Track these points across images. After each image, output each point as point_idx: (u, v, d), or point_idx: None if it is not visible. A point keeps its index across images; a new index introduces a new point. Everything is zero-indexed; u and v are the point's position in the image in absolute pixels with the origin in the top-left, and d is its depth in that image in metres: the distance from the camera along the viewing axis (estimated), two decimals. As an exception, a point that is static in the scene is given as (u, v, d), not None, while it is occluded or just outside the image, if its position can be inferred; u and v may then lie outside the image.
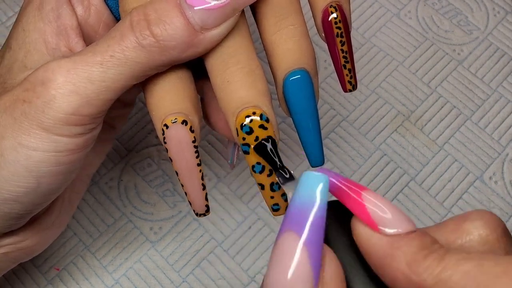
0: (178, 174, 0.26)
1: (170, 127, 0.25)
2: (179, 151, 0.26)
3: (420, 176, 0.39)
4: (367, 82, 0.42)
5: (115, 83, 0.25)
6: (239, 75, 0.25)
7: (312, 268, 0.19)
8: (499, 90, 0.42)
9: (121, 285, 0.36)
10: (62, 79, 0.25)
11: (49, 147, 0.25)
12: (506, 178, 0.39)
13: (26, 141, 0.25)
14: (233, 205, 0.38)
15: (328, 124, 0.41)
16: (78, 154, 0.26)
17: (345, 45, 0.28)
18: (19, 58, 0.28)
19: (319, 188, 0.20)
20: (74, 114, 0.25)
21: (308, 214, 0.19)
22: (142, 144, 0.40)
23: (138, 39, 0.25)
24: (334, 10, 0.27)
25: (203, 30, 0.25)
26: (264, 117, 0.25)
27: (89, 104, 0.25)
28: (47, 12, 0.28)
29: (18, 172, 0.25)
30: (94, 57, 0.25)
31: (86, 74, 0.25)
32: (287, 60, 0.26)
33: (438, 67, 0.43)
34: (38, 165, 0.25)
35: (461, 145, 0.40)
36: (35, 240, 0.30)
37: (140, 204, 0.39)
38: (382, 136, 0.41)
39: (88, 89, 0.25)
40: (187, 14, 0.25)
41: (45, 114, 0.25)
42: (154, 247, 0.37)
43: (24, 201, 0.26)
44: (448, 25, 0.45)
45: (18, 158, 0.25)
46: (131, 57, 0.25)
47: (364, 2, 0.46)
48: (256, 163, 0.25)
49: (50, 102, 0.25)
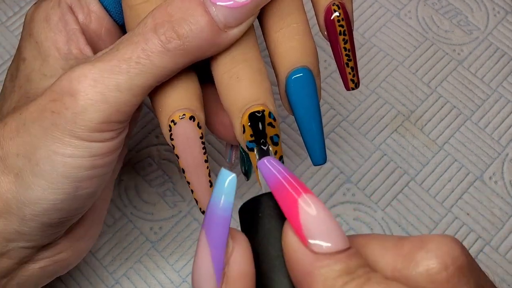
0: (185, 171, 0.26)
1: (178, 123, 0.25)
2: (187, 147, 0.26)
3: (420, 176, 0.39)
4: (367, 82, 0.42)
5: (141, 89, 0.25)
6: (248, 73, 0.25)
7: (214, 265, 0.19)
8: (499, 90, 0.42)
9: (121, 285, 0.36)
10: (90, 89, 0.25)
11: (84, 153, 0.25)
12: (506, 178, 0.39)
13: (61, 149, 0.25)
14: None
15: (328, 124, 0.41)
16: (111, 156, 0.27)
17: (348, 43, 0.28)
18: (36, 68, 0.28)
19: (225, 187, 0.20)
20: (105, 122, 0.25)
21: (213, 213, 0.20)
22: (142, 144, 0.40)
23: (163, 42, 0.24)
24: (337, 8, 0.27)
25: (226, 29, 0.25)
26: (272, 116, 0.25)
27: (118, 111, 0.25)
28: (56, 22, 0.28)
29: (56, 179, 0.25)
30: (119, 64, 0.25)
31: (114, 82, 0.25)
32: (290, 58, 0.26)
33: (438, 67, 0.43)
34: (74, 171, 0.25)
35: (461, 145, 0.40)
36: (70, 252, 0.30)
37: (140, 204, 0.39)
38: (382, 136, 0.41)
39: (117, 97, 0.25)
40: (211, 12, 0.24)
41: (76, 124, 0.25)
42: (154, 247, 0.37)
43: (63, 208, 0.26)
44: (448, 25, 0.45)
45: (55, 166, 0.25)
46: (156, 62, 0.25)
47: (364, 2, 0.46)
48: None
49: (81, 113, 0.25)
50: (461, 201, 0.39)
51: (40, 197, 0.25)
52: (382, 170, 0.40)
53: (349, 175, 0.39)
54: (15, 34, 0.44)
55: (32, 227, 0.26)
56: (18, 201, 0.26)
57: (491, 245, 0.37)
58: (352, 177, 0.39)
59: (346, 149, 0.40)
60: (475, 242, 0.37)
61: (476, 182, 0.39)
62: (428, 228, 0.38)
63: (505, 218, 0.38)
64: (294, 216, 0.19)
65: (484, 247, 0.37)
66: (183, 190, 0.39)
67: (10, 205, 0.26)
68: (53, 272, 0.30)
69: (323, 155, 0.28)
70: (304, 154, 0.40)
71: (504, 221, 0.38)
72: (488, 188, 0.39)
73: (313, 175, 0.39)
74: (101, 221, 0.33)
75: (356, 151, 0.40)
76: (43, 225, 0.27)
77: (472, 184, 0.39)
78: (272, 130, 0.25)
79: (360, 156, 0.40)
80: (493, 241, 0.37)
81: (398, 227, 0.38)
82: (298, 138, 0.40)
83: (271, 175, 0.20)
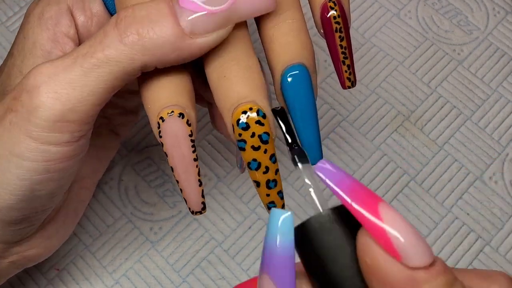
0: (174, 170, 0.26)
1: (166, 120, 0.25)
2: (175, 145, 0.25)
3: (420, 176, 0.39)
4: (367, 82, 0.42)
5: (97, 86, 0.24)
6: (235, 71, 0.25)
7: None
8: (499, 90, 0.42)
9: (121, 285, 0.36)
10: (44, 86, 0.24)
11: (37, 157, 0.25)
12: (506, 178, 0.39)
13: (17, 150, 0.25)
14: (233, 205, 0.38)
15: (328, 124, 0.41)
16: (67, 163, 0.26)
17: (344, 41, 0.27)
18: (17, 63, 0.28)
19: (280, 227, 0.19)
20: (59, 121, 0.24)
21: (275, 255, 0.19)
22: (142, 144, 0.40)
23: (120, 36, 0.24)
24: (333, 5, 0.27)
25: (192, 35, 0.24)
26: (261, 113, 0.24)
27: (73, 111, 0.24)
28: (46, 19, 0.28)
29: (11, 180, 0.25)
30: (74, 60, 0.24)
31: (67, 79, 0.24)
32: (285, 54, 0.26)
33: (438, 67, 0.43)
34: (29, 174, 0.25)
35: (461, 145, 0.40)
36: (41, 248, 0.30)
37: (140, 204, 0.39)
38: (382, 136, 0.41)
39: (70, 95, 0.24)
40: (178, 15, 0.24)
41: (30, 123, 0.24)
42: (154, 247, 0.37)
43: (21, 207, 0.26)
44: (448, 25, 0.45)
45: (9, 167, 0.25)
46: (111, 56, 0.24)
47: (364, 2, 0.46)
48: (252, 160, 0.25)
49: (34, 111, 0.24)
50: (461, 201, 0.39)
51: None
52: (382, 170, 0.40)
53: (349, 175, 0.39)
54: (15, 34, 0.44)
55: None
56: None
57: (491, 245, 0.37)
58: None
59: (346, 149, 0.40)
60: (475, 242, 0.37)
61: (476, 182, 0.39)
62: (428, 228, 0.38)
63: (505, 218, 0.38)
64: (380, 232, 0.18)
65: (484, 247, 0.37)
66: (183, 190, 0.39)
67: None
68: (22, 265, 0.31)
69: (319, 153, 0.27)
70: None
71: (504, 221, 0.38)
72: (488, 188, 0.39)
73: (313, 175, 0.39)
74: (76, 219, 0.33)
75: (356, 151, 0.40)
76: (5, 223, 0.27)
77: (472, 184, 0.39)
78: (260, 128, 0.25)
79: (360, 156, 0.40)
80: (493, 241, 0.37)
81: (398, 227, 0.38)
82: (298, 138, 0.40)
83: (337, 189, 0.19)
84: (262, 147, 0.25)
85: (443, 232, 0.38)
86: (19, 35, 0.29)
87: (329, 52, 0.28)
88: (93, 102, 0.25)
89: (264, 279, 0.19)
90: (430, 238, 0.37)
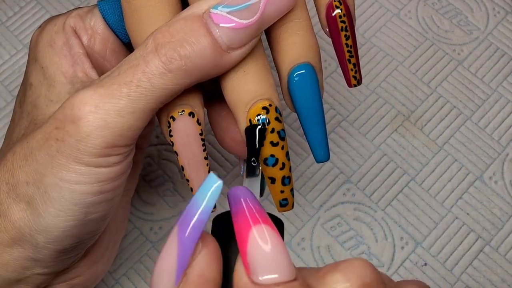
0: (184, 169, 0.26)
1: (177, 119, 0.25)
2: (186, 144, 0.26)
3: (420, 176, 0.39)
4: (367, 82, 0.42)
5: (143, 112, 0.25)
6: (255, 68, 0.25)
7: (178, 263, 0.19)
8: (499, 90, 0.42)
9: (121, 285, 0.36)
10: (91, 116, 0.24)
11: (90, 179, 0.25)
12: (506, 178, 0.39)
13: (67, 177, 0.25)
14: (233, 205, 0.38)
15: (328, 124, 0.41)
16: (119, 180, 0.26)
17: (350, 39, 0.28)
18: (42, 93, 0.28)
19: (209, 192, 0.20)
20: (108, 147, 0.25)
21: (191, 213, 0.20)
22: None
23: (164, 64, 0.24)
24: (339, 4, 0.27)
25: (229, 50, 0.24)
26: (278, 111, 0.25)
27: (121, 136, 0.25)
28: (60, 47, 0.28)
29: (65, 207, 0.25)
30: (119, 88, 0.24)
31: (115, 108, 0.24)
32: (292, 54, 0.26)
33: (438, 67, 0.43)
34: (82, 197, 0.25)
35: (461, 145, 0.40)
36: (87, 275, 0.30)
37: (140, 204, 0.39)
38: (382, 136, 0.41)
39: (118, 122, 0.24)
40: (214, 33, 0.24)
41: (80, 151, 0.24)
42: (154, 247, 0.37)
43: (74, 234, 0.26)
44: (448, 25, 0.45)
45: (62, 193, 0.25)
46: (157, 84, 0.24)
47: (364, 2, 0.46)
48: (270, 156, 0.25)
49: (84, 139, 0.24)
50: (461, 201, 0.39)
51: (50, 225, 0.25)
52: (382, 170, 0.40)
53: (349, 175, 0.39)
54: (15, 34, 0.44)
55: (46, 254, 0.26)
56: (30, 229, 0.25)
57: (491, 245, 0.37)
58: (352, 177, 0.39)
59: (346, 149, 0.40)
60: (475, 242, 0.37)
61: (476, 182, 0.39)
62: (428, 228, 0.38)
63: (505, 218, 0.38)
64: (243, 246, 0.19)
65: (484, 247, 0.37)
66: (183, 190, 0.39)
67: (23, 233, 0.26)
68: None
69: (326, 152, 0.28)
70: (304, 154, 0.40)
71: (504, 221, 0.38)
72: (488, 188, 0.39)
73: (313, 175, 0.39)
74: (118, 242, 0.33)
75: (356, 151, 0.40)
76: (57, 252, 0.26)
77: (472, 184, 0.39)
78: (279, 125, 0.25)
79: (360, 156, 0.40)
80: (493, 241, 0.37)
81: (398, 227, 0.38)
82: (298, 138, 0.40)
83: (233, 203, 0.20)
84: (280, 143, 0.25)
85: (443, 232, 0.38)
86: (34, 65, 0.29)
87: (334, 53, 0.28)
88: (139, 126, 0.25)
89: (173, 229, 0.20)
90: (430, 238, 0.37)
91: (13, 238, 0.26)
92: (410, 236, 0.37)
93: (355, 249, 0.37)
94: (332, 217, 0.38)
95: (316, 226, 0.38)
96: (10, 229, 0.26)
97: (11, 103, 0.42)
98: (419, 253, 0.37)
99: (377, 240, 0.37)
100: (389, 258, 0.37)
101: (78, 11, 0.29)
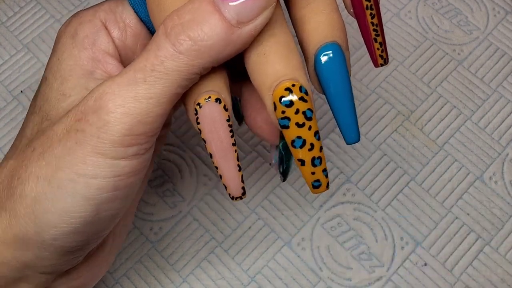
0: (212, 156, 0.26)
1: (204, 105, 0.25)
2: (213, 130, 0.25)
3: (420, 176, 0.39)
4: (367, 82, 0.42)
5: (162, 97, 0.24)
6: (275, 48, 0.25)
7: None
8: (499, 90, 0.42)
9: (121, 285, 0.36)
10: (111, 103, 0.24)
11: (107, 173, 0.25)
12: (506, 178, 0.39)
13: (83, 170, 0.24)
14: (233, 205, 0.38)
15: (328, 124, 0.41)
16: (135, 177, 0.26)
17: (375, 18, 0.27)
18: (55, 87, 0.28)
19: None
20: (129, 135, 0.24)
21: None
22: (142, 144, 0.40)
23: (175, 46, 0.24)
24: None
25: (239, 25, 0.24)
26: (303, 90, 0.24)
27: (141, 122, 0.24)
28: (82, 39, 0.28)
29: (77, 202, 0.25)
30: (135, 75, 0.24)
31: (132, 94, 0.24)
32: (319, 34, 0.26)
33: (438, 67, 0.43)
34: (97, 193, 0.25)
35: (461, 145, 0.40)
36: (88, 277, 0.30)
37: (140, 204, 0.39)
38: (382, 136, 0.41)
39: (137, 108, 0.24)
40: (222, 9, 0.24)
41: (100, 140, 0.24)
42: (154, 247, 0.37)
43: (82, 232, 0.26)
44: (448, 25, 0.45)
45: (77, 188, 0.25)
46: (170, 67, 0.24)
47: (364, 2, 0.46)
48: (296, 137, 0.25)
49: (104, 127, 0.24)
50: (461, 201, 0.39)
51: (58, 221, 0.25)
52: (382, 170, 0.40)
53: (349, 175, 0.39)
54: (15, 34, 0.44)
55: (50, 252, 0.26)
56: (36, 226, 0.25)
57: (491, 245, 0.37)
58: (352, 177, 0.39)
59: (346, 149, 0.40)
60: (475, 242, 0.37)
61: (476, 182, 0.39)
62: (428, 228, 0.38)
63: (505, 218, 0.38)
64: None
65: (484, 247, 0.37)
66: (183, 190, 0.39)
67: (28, 231, 0.25)
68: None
69: (357, 133, 0.27)
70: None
71: (504, 221, 0.38)
72: (488, 188, 0.39)
73: (313, 175, 0.39)
74: (120, 245, 0.32)
75: (356, 151, 0.40)
76: (62, 250, 0.26)
77: (472, 184, 0.39)
78: (304, 105, 0.24)
79: (360, 156, 0.40)
80: (493, 241, 0.37)
81: (398, 227, 0.38)
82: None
83: None
84: (307, 123, 0.25)
85: (443, 232, 0.38)
86: (52, 58, 0.28)
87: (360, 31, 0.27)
88: (158, 113, 0.25)
89: None
90: (430, 238, 0.37)
91: (17, 235, 0.25)
92: (410, 236, 0.37)
93: (355, 249, 0.37)
94: (332, 217, 0.38)
95: (316, 226, 0.38)
96: (14, 225, 0.25)
97: (11, 103, 0.42)
98: (419, 253, 0.37)
99: (377, 240, 0.37)
100: (389, 258, 0.37)
101: (108, 3, 0.29)
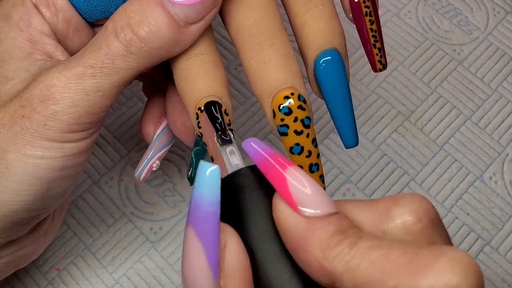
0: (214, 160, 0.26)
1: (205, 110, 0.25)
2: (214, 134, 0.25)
3: (420, 176, 0.39)
4: (367, 82, 0.42)
5: (109, 90, 0.25)
6: (275, 57, 0.25)
7: (209, 261, 0.19)
8: (499, 90, 0.42)
9: (121, 285, 0.36)
10: (59, 95, 0.25)
11: (56, 154, 0.26)
12: (506, 178, 0.39)
13: (31, 152, 0.25)
14: (233, 205, 0.38)
15: (328, 124, 0.41)
16: (83, 156, 0.27)
17: (374, 24, 0.28)
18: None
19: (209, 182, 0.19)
20: (75, 124, 0.25)
21: (200, 209, 0.19)
22: (142, 144, 0.40)
23: (125, 46, 0.25)
24: None
25: (187, 25, 0.25)
26: (302, 98, 0.25)
27: (88, 113, 0.25)
28: (16, 21, 0.27)
29: (27, 181, 0.26)
30: (85, 71, 0.25)
31: (81, 87, 0.25)
32: (318, 40, 0.26)
33: (438, 67, 0.43)
34: (46, 172, 0.26)
35: (461, 145, 0.40)
36: (33, 247, 0.31)
37: (140, 204, 0.39)
38: (382, 136, 0.41)
39: (85, 100, 0.25)
40: (170, 11, 0.24)
41: (47, 127, 0.25)
42: (154, 247, 0.37)
43: (33, 208, 0.27)
44: (448, 25, 0.45)
45: (26, 168, 0.25)
46: (121, 66, 0.25)
47: (364, 2, 0.46)
48: (295, 145, 0.25)
49: (51, 116, 0.25)
50: (461, 201, 0.39)
51: (10, 199, 0.26)
52: (382, 170, 0.40)
53: (349, 175, 0.39)
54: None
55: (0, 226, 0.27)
56: None
57: (491, 245, 0.37)
58: (352, 177, 0.39)
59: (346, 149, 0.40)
60: (475, 242, 0.37)
61: (476, 182, 0.39)
62: (428, 228, 0.38)
63: (505, 218, 0.38)
64: (282, 182, 0.19)
65: (484, 247, 0.37)
66: (183, 190, 0.39)
67: None
68: (16, 266, 0.31)
69: (356, 137, 0.28)
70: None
71: (504, 221, 0.38)
72: (488, 188, 0.39)
73: (313, 175, 0.39)
74: (63, 215, 0.33)
75: (356, 151, 0.40)
76: (12, 224, 0.27)
77: (472, 184, 0.39)
78: (303, 113, 0.25)
79: (360, 156, 0.40)
80: (493, 241, 0.37)
81: (398, 227, 0.38)
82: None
83: (257, 154, 0.20)
84: (305, 131, 0.25)
85: (443, 232, 0.38)
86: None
87: (359, 36, 0.28)
88: (105, 104, 0.26)
89: (189, 231, 0.19)
90: (430, 238, 0.37)
91: None
92: (410, 236, 0.38)
93: (355, 249, 0.37)
94: (332, 217, 0.38)
95: (316, 226, 0.38)
96: None
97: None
98: (419, 253, 0.37)
99: (377, 240, 0.37)
100: (389, 258, 0.37)
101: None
